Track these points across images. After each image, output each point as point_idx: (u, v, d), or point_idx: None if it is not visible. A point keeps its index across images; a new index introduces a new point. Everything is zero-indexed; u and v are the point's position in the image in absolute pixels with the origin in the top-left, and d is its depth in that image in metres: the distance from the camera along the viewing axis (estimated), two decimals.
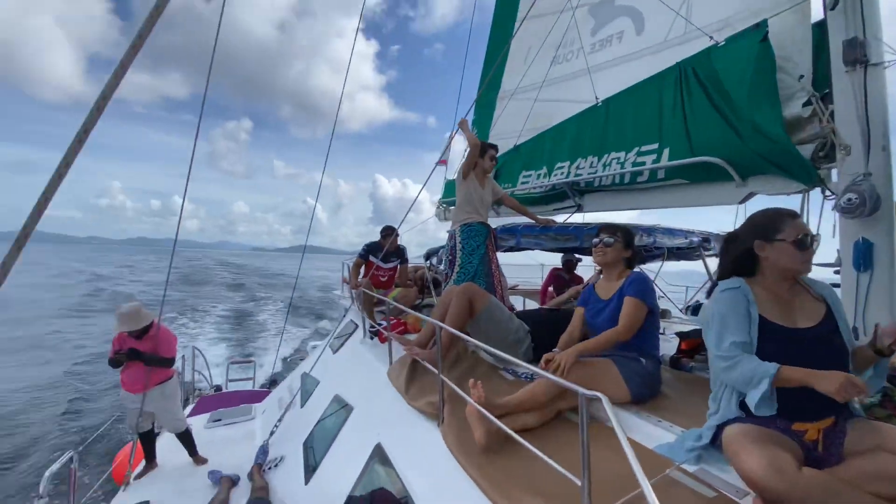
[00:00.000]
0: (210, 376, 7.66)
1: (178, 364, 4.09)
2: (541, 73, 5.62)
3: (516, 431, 1.43)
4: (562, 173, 4.35)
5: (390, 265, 4.79)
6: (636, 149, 3.59)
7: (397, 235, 4.68)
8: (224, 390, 7.56)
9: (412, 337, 3.45)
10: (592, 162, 4.03)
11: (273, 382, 7.99)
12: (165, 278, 3.88)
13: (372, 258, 4.68)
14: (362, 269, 4.75)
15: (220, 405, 6.00)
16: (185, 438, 3.94)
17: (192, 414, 5.54)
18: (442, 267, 5.84)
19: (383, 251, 4.61)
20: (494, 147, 3.65)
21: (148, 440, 3.88)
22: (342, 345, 4.71)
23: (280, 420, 3.93)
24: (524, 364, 1.42)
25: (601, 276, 2.37)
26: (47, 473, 2.30)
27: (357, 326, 4.81)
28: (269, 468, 3.46)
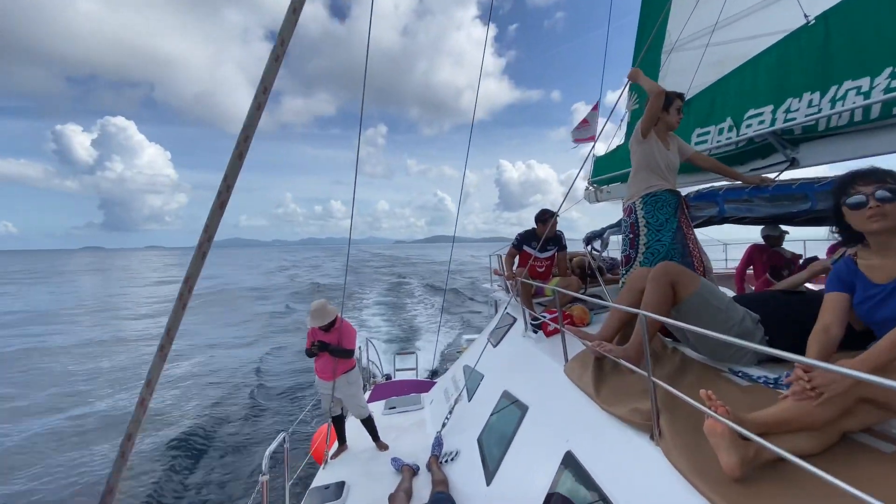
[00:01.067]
0: (381, 365, 8.40)
1: (357, 354, 4.44)
2: (711, 14, 4.60)
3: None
4: (760, 122, 3.42)
5: (547, 254, 4.44)
6: (889, 69, 2.58)
7: (555, 222, 4.32)
8: (393, 379, 8.22)
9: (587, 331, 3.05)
10: (812, 100, 3.06)
11: (434, 373, 8.40)
12: (338, 273, 4.26)
13: (527, 248, 4.41)
14: (516, 260, 4.52)
15: (391, 393, 6.48)
16: (369, 424, 4.26)
17: (369, 400, 6.09)
18: (605, 253, 5.26)
19: (541, 239, 4.30)
20: (681, 96, 2.97)
21: (339, 423, 4.32)
22: (502, 338, 4.56)
23: (450, 412, 3.96)
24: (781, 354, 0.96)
25: (858, 249, 1.62)
26: (267, 453, 2.65)
27: (515, 319, 4.60)
28: (446, 461, 3.48)
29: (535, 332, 3.77)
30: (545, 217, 4.30)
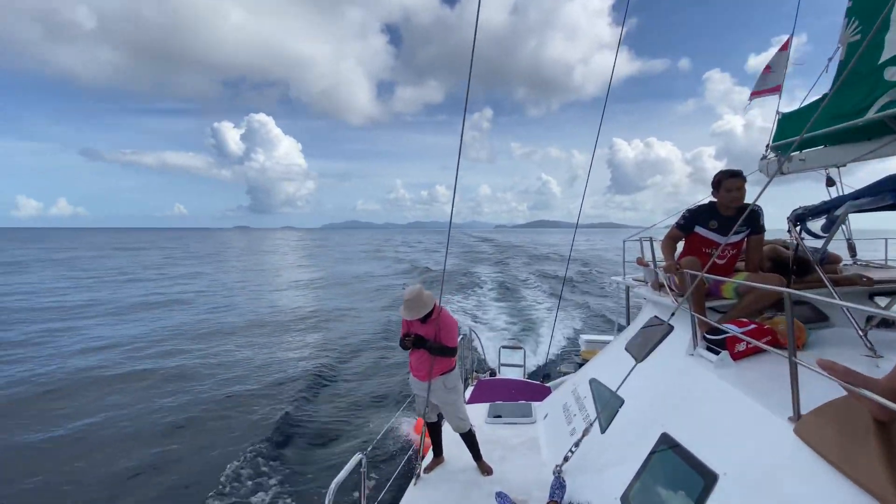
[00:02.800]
0: (485, 358, 7.66)
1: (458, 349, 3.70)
2: None
3: None
4: None
5: (735, 238, 3.10)
6: None
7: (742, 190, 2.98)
8: (498, 375, 7.42)
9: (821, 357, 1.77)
10: None
11: (547, 376, 7.38)
12: (451, 257, 3.53)
13: (700, 229, 3.14)
14: (679, 246, 3.28)
15: (495, 392, 5.68)
16: (469, 440, 3.50)
17: (471, 398, 5.36)
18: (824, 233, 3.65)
19: (735, 220, 3.05)
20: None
21: (435, 432, 3.64)
22: (650, 351, 3.40)
23: (576, 445, 2.98)
24: None
25: None
26: (336, 481, 2.03)
27: (671, 329, 3.39)
28: None
29: (717, 352, 2.57)
30: (725, 179, 2.98)
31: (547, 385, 6.40)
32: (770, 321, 2.78)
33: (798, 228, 3.11)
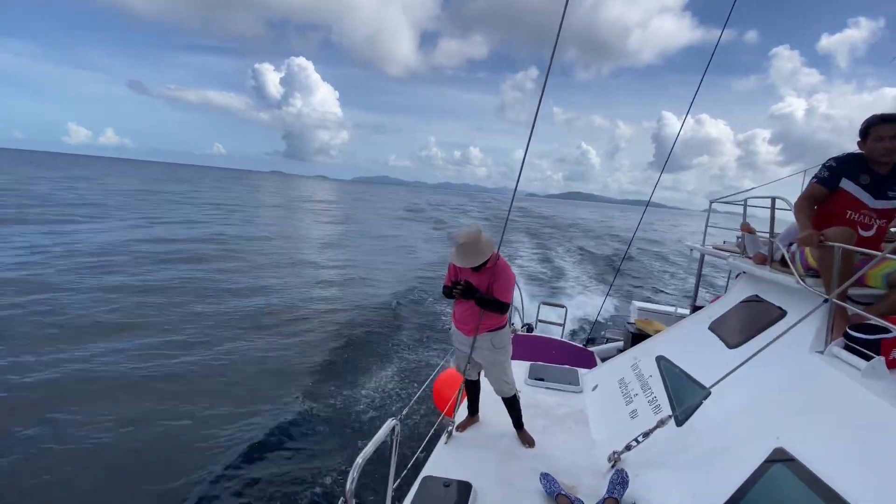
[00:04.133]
0: (523, 312, 7.21)
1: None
2: None
3: None
4: None
5: (887, 202, 2.35)
6: None
7: None
8: (535, 331, 7.00)
9: None
10: None
11: (590, 341, 6.89)
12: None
13: (848, 184, 2.38)
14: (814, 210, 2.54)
15: (535, 349, 5.25)
16: (512, 405, 3.11)
17: None
18: None
19: (890, 180, 2.27)
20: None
21: (473, 391, 3.26)
22: (750, 338, 2.77)
23: (644, 435, 2.50)
24: None
25: None
26: (360, 458, 1.63)
27: (783, 313, 2.73)
28: None
29: (865, 355, 1.93)
30: (875, 125, 2.20)
31: (590, 350, 5.92)
32: None
33: None
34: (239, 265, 14.36)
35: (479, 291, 2.75)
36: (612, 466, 2.67)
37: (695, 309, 5.67)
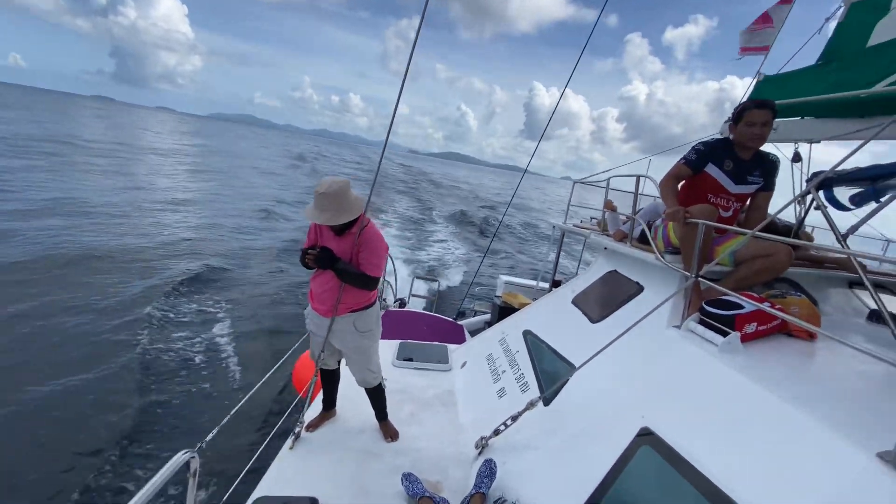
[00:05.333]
0: (396, 287, 6.86)
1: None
2: None
3: None
4: None
5: (746, 187, 2.52)
6: None
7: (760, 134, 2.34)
8: (408, 306, 6.72)
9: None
10: None
11: (462, 314, 6.86)
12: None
13: (712, 168, 2.48)
14: (680, 187, 2.62)
15: (405, 326, 4.95)
16: (376, 396, 2.69)
17: None
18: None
19: (751, 166, 2.42)
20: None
21: (330, 382, 2.75)
22: (611, 313, 2.80)
23: (513, 419, 2.32)
24: None
25: None
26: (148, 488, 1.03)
27: (640, 288, 2.81)
28: None
29: (721, 331, 1.97)
30: (749, 109, 2.33)
31: (460, 324, 5.86)
32: (781, 300, 2.25)
33: (819, 192, 2.58)
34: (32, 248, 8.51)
35: (341, 261, 2.22)
36: (480, 454, 2.47)
37: (555, 284, 5.99)
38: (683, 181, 2.63)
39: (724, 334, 1.96)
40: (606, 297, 3.02)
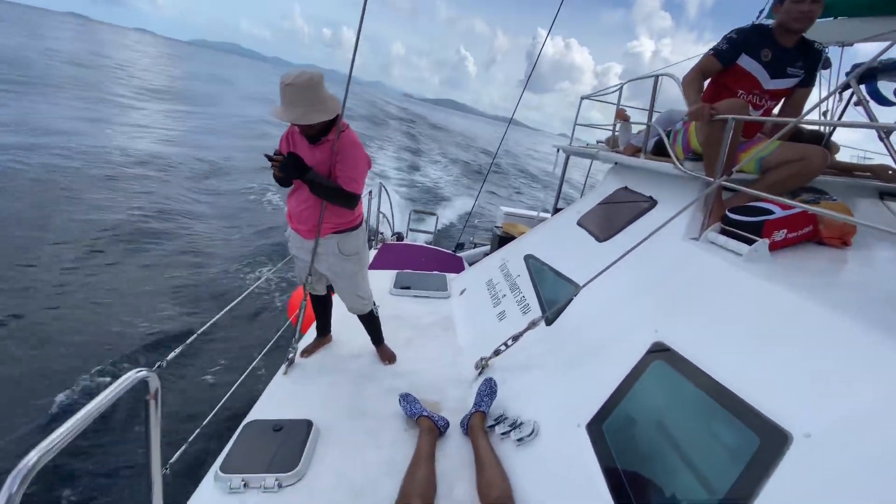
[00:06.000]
0: (393, 221, 6.65)
1: (363, 203, 2.49)
2: None
3: None
4: None
5: (782, 81, 2.20)
6: None
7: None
8: (406, 240, 6.56)
9: None
10: None
11: (459, 246, 6.71)
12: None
13: (745, 59, 2.15)
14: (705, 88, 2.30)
15: (403, 258, 4.81)
16: (370, 322, 2.57)
17: (374, 263, 4.41)
18: None
19: (793, 55, 2.09)
20: None
21: (322, 308, 2.62)
22: (620, 230, 2.60)
23: (514, 339, 2.21)
24: None
25: None
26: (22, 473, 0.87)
27: (653, 203, 2.59)
28: (506, 433, 1.82)
29: (747, 239, 1.78)
30: None
31: (459, 255, 5.73)
32: (815, 206, 2.04)
33: (862, 88, 2.27)
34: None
35: (312, 170, 1.96)
36: (480, 374, 2.39)
37: (557, 211, 5.77)
38: (708, 79, 2.31)
39: (750, 242, 1.77)
40: (615, 215, 2.81)
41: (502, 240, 5.49)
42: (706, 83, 2.32)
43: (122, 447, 3.06)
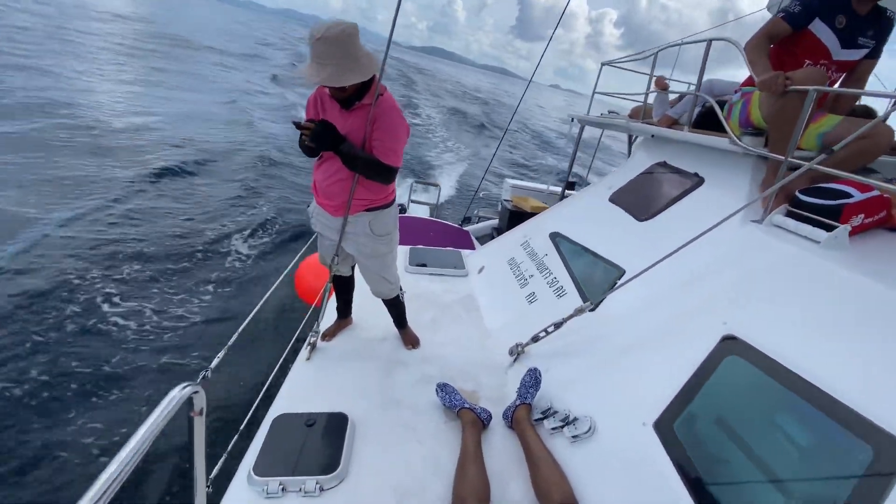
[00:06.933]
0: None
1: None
2: None
3: None
4: None
5: (852, 52, 2.02)
6: None
7: None
8: (407, 211, 6.34)
9: None
10: None
11: (467, 220, 6.51)
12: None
13: (818, 25, 1.95)
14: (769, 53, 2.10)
15: (410, 231, 4.61)
16: (394, 306, 2.41)
17: None
18: None
19: (868, 23, 1.91)
20: None
21: (344, 289, 2.44)
22: (662, 210, 2.45)
23: (556, 326, 2.08)
24: None
25: None
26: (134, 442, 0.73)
27: (699, 181, 2.43)
28: (557, 429, 1.72)
29: (821, 225, 1.63)
30: None
31: (465, 230, 5.54)
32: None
33: None
34: None
35: (347, 141, 1.75)
36: (515, 360, 2.27)
37: (570, 185, 5.58)
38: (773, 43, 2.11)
39: (826, 227, 1.63)
40: (655, 193, 2.65)
41: (513, 214, 5.32)
42: None
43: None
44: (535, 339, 2.17)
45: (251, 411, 1.87)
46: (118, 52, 20.11)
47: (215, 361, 1.47)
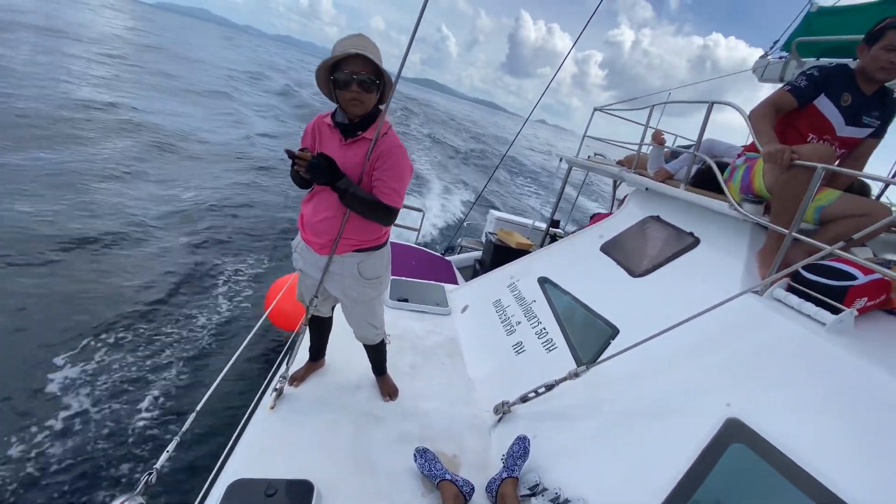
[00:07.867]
0: None
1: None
2: None
3: None
4: None
5: (857, 130, 2.04)
6: None
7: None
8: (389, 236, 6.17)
9: None
10: None
11: (451, 249, 6.39)
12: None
13: (824, 100, 1.97)
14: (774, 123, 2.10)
15: (395, 259, 4.44)
16: (375, 352, 2.24)
17: None
18: None
19: (873, 103, 1.93)
20: None
21: (320, 330, 2.26)
22: (656, 268, 2.39)
23: (547, 388, 1.95)
24: None
25: None
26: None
27: (695, 242, 2.40)
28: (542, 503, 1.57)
29: (831, 307, 1.58)
30: (892, 28, 1.79)
31: (448, 260, 5.43)
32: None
33: None
34: None
35: (346, 177, 1.61)
36: (500, 420, 2.12)
37: (554, 224, 5.57)
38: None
39: (829, 307, 1.58)
40: (649, 248, 2.60)
41: (497, 248, 5.25)
42: None
43: None
44: (524, 399, 2.04)
45: (211, 475, 1.62)
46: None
47: (163, 457, 1.27)
